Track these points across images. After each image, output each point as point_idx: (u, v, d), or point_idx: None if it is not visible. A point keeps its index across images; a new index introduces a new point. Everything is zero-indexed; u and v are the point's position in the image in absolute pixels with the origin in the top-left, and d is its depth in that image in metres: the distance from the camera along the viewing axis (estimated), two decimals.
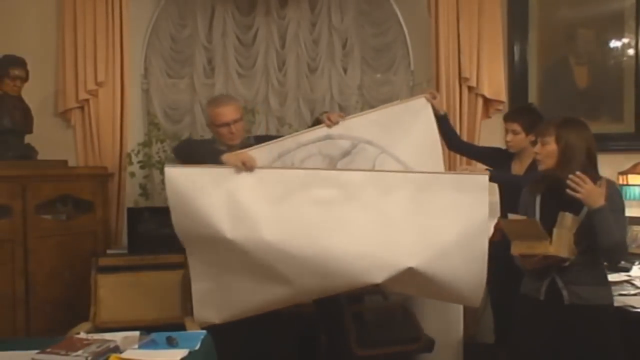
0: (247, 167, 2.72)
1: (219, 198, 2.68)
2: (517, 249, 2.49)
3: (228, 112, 2.92)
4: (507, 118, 3.25)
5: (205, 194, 2.68)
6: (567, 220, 2.39)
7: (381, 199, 2.78)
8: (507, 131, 3.22)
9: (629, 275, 3.32)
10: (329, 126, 3.00)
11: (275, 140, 3.01)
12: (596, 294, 2.49)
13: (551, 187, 2.53)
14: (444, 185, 2.79)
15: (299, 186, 2.76)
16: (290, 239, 2.67)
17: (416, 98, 3.23)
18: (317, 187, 2.77)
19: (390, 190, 2.79)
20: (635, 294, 3.07)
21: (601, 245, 2.40)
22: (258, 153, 2.92)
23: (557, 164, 2.47)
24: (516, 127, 3.13)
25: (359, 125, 3.06)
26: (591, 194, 2.35)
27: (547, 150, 2.49)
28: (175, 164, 2.85)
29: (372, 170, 2.95)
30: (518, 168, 3.20)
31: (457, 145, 3.47)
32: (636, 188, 3.62)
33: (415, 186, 2.79)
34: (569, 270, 2.45)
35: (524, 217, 2.55)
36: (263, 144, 2.94)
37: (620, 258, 2.55)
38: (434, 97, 3.17)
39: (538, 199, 2.58)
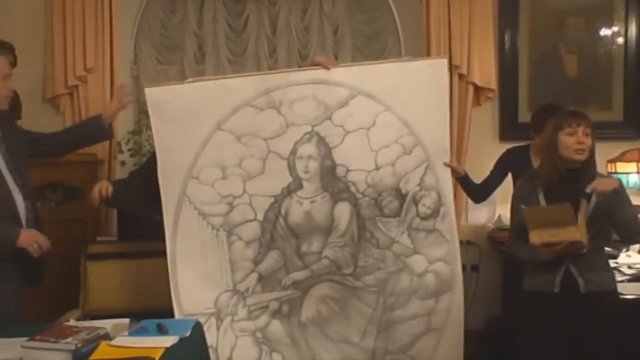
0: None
1: None
2: (539, 238, 2.42)
3: None
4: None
5: None
6: (584, 207, 2.41)
7: None
8: None
9: (617, 262, 3.35)
10: (327, 69, 2.80)
11: (263, 72, 2.79)
12: (606, 279, 2.53)
13: (560, 178, 2.52)
14: None
15: None
16: None
17: (436, 57, 3.06)
18: None
19: None
20: (622, 281, 3.11)
21: (620, 221, 2.47)
22: (243, 82, 2.75)
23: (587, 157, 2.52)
24: None
25: (361, 75, 2.85)
26: (604, 181, 2.45)
27: (590, 142, 2.50)
28: None
29: None
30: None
31: (482, 192, 3.39)
32: (624, 176, 3.63)
33: None
34: (581, 258, 2.46)
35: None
36: (251, 73, 2.73)
37: (638, 234, 2.58)
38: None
39: (541, 190, 2.57)
